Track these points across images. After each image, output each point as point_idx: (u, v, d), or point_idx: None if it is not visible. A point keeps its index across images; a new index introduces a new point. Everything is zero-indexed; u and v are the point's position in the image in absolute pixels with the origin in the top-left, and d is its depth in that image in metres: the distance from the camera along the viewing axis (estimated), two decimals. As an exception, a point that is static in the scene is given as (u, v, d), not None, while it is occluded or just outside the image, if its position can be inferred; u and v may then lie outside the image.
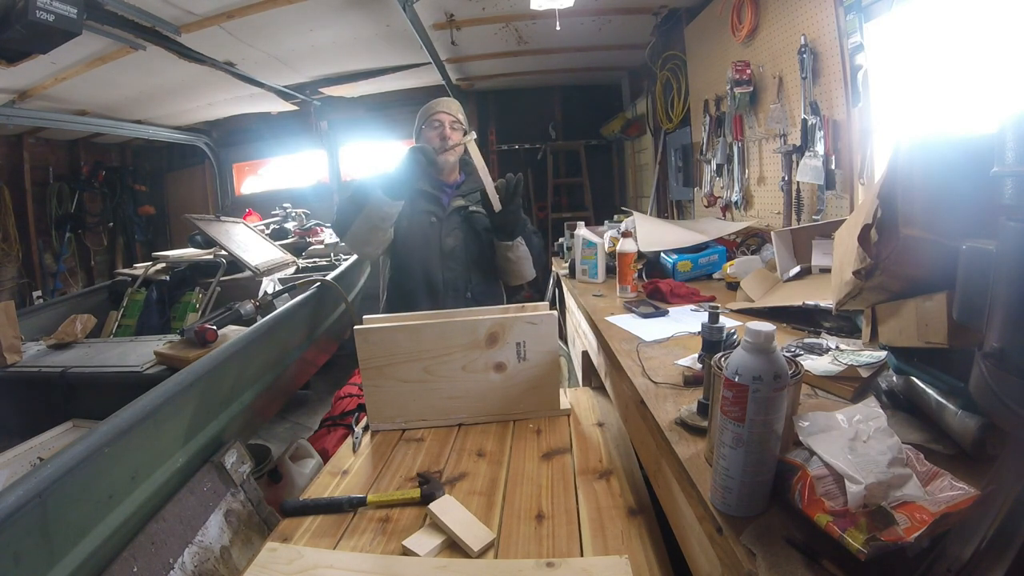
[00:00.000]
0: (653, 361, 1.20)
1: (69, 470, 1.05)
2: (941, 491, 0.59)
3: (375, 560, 0.94)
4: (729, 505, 0.67)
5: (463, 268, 1.78)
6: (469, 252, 1.79)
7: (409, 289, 1.76)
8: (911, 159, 0.69)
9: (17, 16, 1.80)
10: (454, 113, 1.79)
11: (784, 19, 2.11)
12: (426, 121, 1.79)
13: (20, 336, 2.15)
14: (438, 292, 1.75)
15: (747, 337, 0.64)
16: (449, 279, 1.77)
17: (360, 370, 1.36)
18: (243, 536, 1.44)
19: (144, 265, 3.25)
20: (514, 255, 1.76)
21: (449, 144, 1.73)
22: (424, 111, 1.83)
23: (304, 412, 3.48)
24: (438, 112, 1.78)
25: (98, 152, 5.65)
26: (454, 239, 1.77)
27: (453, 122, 1.77)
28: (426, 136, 1.78)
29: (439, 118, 1.77)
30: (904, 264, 0.71)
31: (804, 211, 2.10)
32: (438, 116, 1.77)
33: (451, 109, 1.79)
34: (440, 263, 1.76)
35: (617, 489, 1.11)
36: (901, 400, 0.82)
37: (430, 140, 1.76)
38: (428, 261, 1.75)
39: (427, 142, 1.76)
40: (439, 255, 1.76)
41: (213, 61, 3.32)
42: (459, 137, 1.76)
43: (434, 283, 1.76)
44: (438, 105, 1.81)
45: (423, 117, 1.82)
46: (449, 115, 1.77)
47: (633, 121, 4.61)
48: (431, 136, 1.77)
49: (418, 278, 1.76)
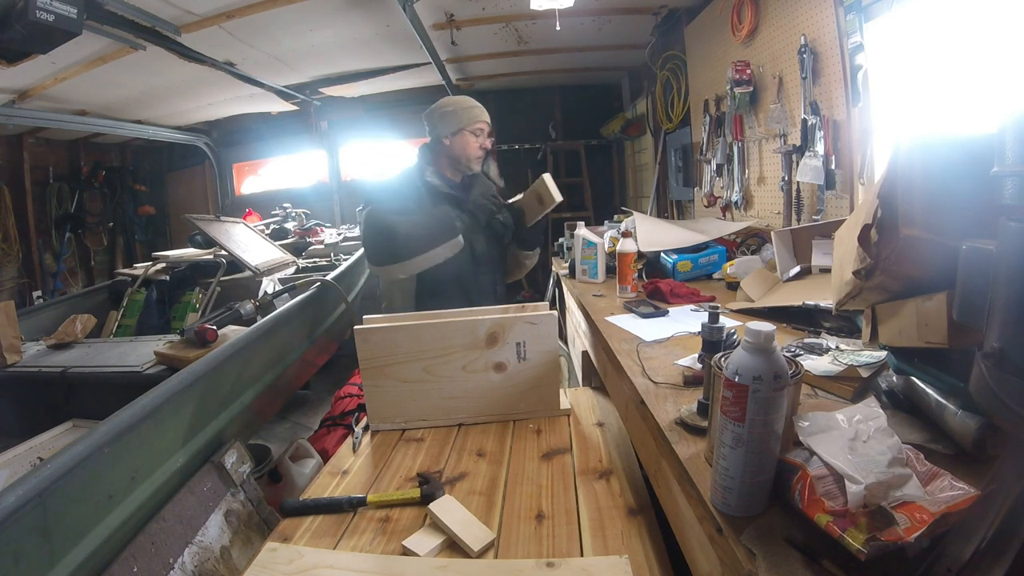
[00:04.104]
0: (653, 361, 1.20)
1: (69, 470, 1.05)
2: (941, 491, 0.59)
3: (375, 560, 0.94)
4: (729, 505, 0.67)
5: (490, 270, 1.84)
6: (493, 255, 1.83)
7: (443, 294, 1.72)
8: (911, 159, 0.69)
9: (17, 16, 1.80)
10: (490, 122, 1.85)
11: (784, 19, 2.11)
12: (469, 124, 1.79)
13: (20, 336, 2.15)
14: (471, 295, 1.76)
15: (747, 337, 0.63)
16: (481, 282, 1.80)
17: (360, 370, 1.36)
18: (243, 536, 1.44)
19: (144, 265, 3.25)
20: (529, 261, 1.96)
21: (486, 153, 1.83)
22: (463, 112, 1.81)
23: (304, 412, 3.48)
24: (482, 121, 1.82)
25: (98, 152, 5.65)
26: (481, 243, 1.79)
27: (490, 131, 1.83)
28: (465, 141, 1.80)
29: (482, 126, 1.81)
30: (904, 264, 0.70)
31: (804, 211, 2.10)
32: (481, 125, 1.81)
33: (488, 118, 1.85)
34: (473, 267, 1.78)
35: (617, 489, 1.11)
36: (901, 400, 0.81)
37: (470, 146, 1.80)
38: (462, 266, 1.74)
39: (466, 146, 1.80)
40: (471, 259, 1.76)
41: (213, 61, 3.32)
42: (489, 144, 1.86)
43: (467, 287, 1.77)
44: (482, 113, 1.83)
45: (462, 119, 1.80)
46: (488, 124, 1.83)
47: (633, 121, 4.61)
48: (472, 143, 1.80)
49: (451, 282, 1.74)
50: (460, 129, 1.79)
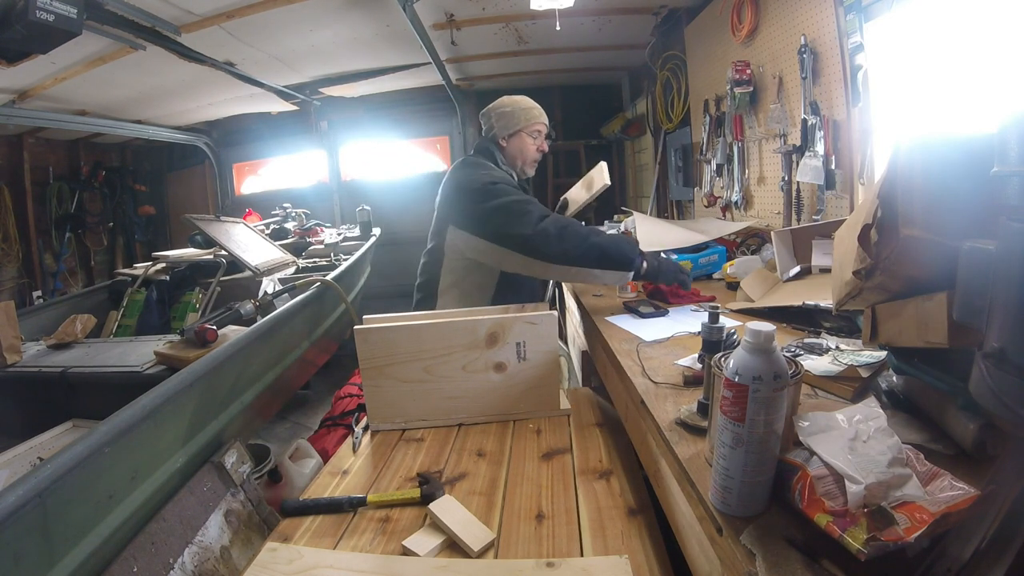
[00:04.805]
0: (653, 361, 1.20)
1: (69, 470, 1.05)
2: (941, 491, 0.59)
3: (375, 560, 0.94)
4: (729, 505, 0.67)
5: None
6: None
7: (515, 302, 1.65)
8: (911, 159, 0.69)
9: (17, 16, 1.80)
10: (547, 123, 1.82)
11: (784, 19, 2.11)
12: (525, 127, 1.77)
13: (20, 336, 2.14)
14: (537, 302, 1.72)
15: (747, 337, 0.64)
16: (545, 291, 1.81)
17: (360, 370, 1.36)
18: (243, 536, 1.44)
19: (144, 265, 3.24)
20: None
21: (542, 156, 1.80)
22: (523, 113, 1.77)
23: (304, 412, 3.48)
24: (540, 123, 1.78)
25: (98, 152, 5.64)
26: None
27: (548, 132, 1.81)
28: (523, 143, 1.77)
29: (540, 128, 1.78)
30: (904, 264, 0.70)
31: (804, 211, 2.10)
32: (539, 127, 1.78)
33: (546, 119, 1.81)
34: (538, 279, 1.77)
35: (617, 489, 1.11)
36: (901, 400, 0.82)
37: (527, 148, 1.77)
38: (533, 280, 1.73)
39: (523, 149, 1.77)
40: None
41: (213, 61, 3.32)
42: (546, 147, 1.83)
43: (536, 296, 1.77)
44: (541, 115, 1.79)
45: (521, 120, 1.76)
46: (547, 126, 1.80)
47: (633, 121, 4.60)
48: (529, 145, 1.77)
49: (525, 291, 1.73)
50: (518, 130, 1.76)
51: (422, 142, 5.66)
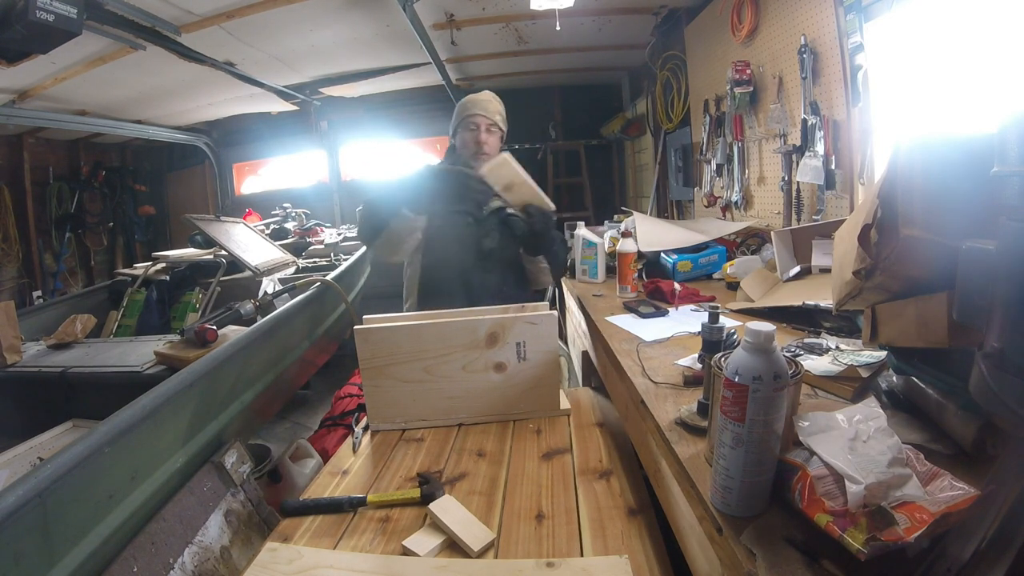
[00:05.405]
0: (653, 361, 1.20)
1: (69, 470, 1.05)
2: (941, 491, 0.59)
3: (375, 560, 0.94)
4: (729, 505, 0.67)
5: (499, 269, 1.74)
6: (505, 254, 1.74)
7: (443, 291, 1.68)
8: (911, 159, 0.69)
9: (17, 16, 1.80)
10: (491, 115, 1.73)
11: (784, 19, 2.11)
12: (461, 122, 1.74)
13: (20, 336, 2.15)
14: (474, 293, 1.69)
15: (747, 337, 0.64)
16: (486, 280, 1.71)
17: (360, 370, 1.36)
18: (243, 536, 1.44)
19: (144, 265, 3.25)
20: (532, 266, 1.80)
21: (484, 149, 1.70)
22: (461, 108, 1.76)
23: (304, 412, 3.47)
24: (475, 114, 1.71)
25: (98, 152, 5.65)
26: (492, 240, 1.72)
27: (490, 125, 1.72)
28: (462, 138, 1.74)
29: (476, 120, 1.71)
30: (904, 264, 0.70)
31: (804, 211, 2.10)
32: (474, 118, 1.71)
33: (488, 111, 1.73)
34: (477, 264, 1.71)
35: (617, 489, 1.11)
36: (901, 400, 0.82)
37: (466, 143, 1.72)
38: (465, 262, 1.69)
39: (463, 144, 1.73)
40: (476, 256, 1.70)
41: (213, 61, 3.32)
42: (496, 142, 1.74)
43: (471, 284, 1.70)
44: (475, 106, 1.73)
45: (459, 115, 1.75)
46: (486, 118, 1.72)
47: (633, 121, 4.61)
48: (467, 139, 1.72)
49: (453, 279, 1.70)
50: (457, 127, 1.76)
51: (422, 142, 5.66)
